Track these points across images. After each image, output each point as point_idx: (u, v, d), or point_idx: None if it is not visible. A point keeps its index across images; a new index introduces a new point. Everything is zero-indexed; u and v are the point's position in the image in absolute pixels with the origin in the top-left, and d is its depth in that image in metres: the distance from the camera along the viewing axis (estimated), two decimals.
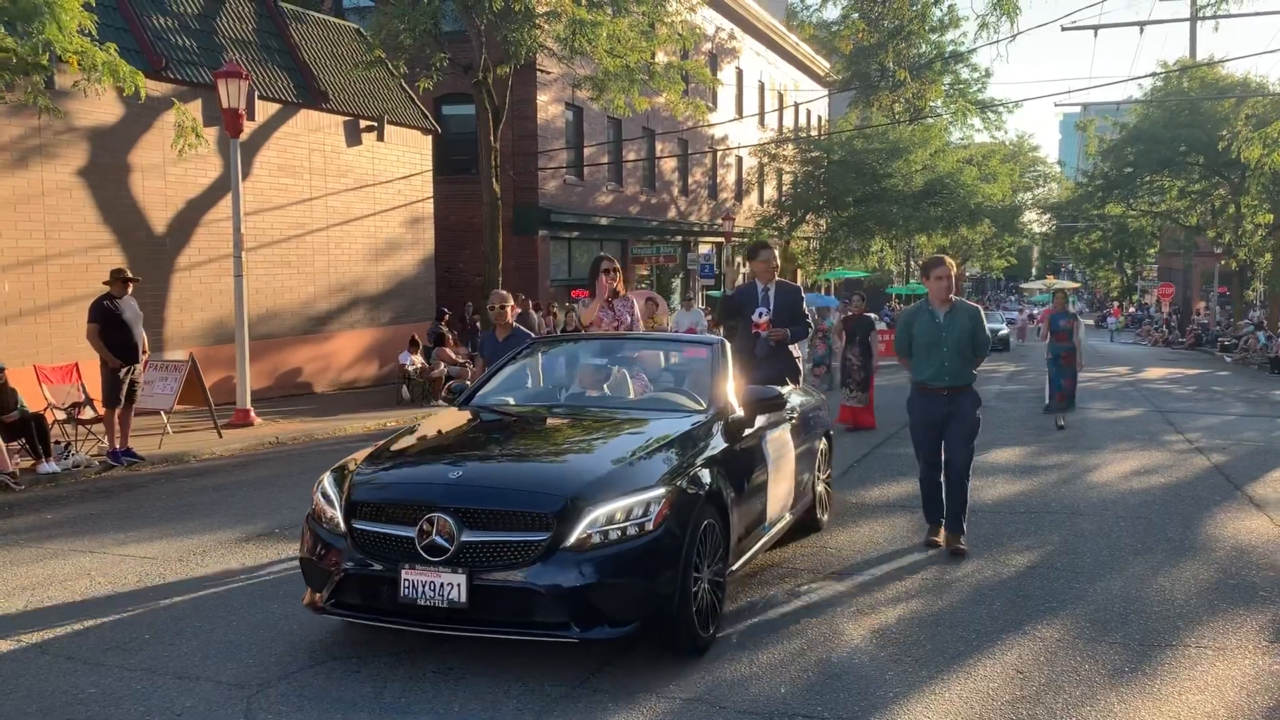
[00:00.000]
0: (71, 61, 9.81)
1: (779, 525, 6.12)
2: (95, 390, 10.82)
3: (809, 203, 36.69)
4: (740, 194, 38.48)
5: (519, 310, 6.91)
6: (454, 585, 4.27)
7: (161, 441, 11.63)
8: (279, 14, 18.09)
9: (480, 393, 6.19)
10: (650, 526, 4.38)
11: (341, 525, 4.61)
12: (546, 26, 18.67)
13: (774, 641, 4.97)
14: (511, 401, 6.10)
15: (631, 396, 5.97)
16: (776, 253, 7.69)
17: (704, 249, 33.99)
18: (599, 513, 4.34)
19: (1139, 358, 32.15)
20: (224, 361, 14.93)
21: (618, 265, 7.71)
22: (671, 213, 32.18)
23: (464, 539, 4.32)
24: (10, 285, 12.58)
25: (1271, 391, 20.34)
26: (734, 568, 5.28)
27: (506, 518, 4.37)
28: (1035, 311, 53.96)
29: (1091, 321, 62.25)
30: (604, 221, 27.52)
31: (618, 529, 4.35)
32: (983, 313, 6.83)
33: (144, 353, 10.68)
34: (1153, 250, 58.21)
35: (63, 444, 10.61)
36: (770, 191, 41.09)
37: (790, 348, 7.54)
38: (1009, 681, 4.46)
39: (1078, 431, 12.52)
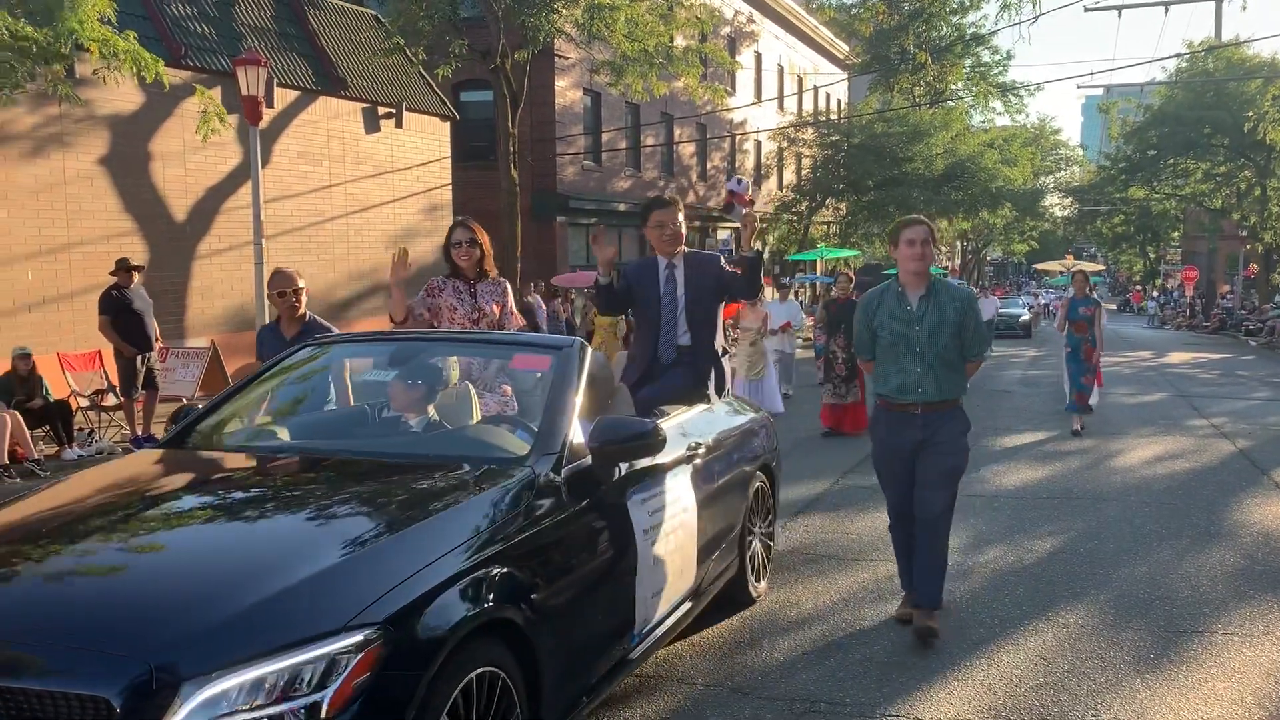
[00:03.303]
0: (92, 50, 9.84)
1: (663, 626, 4.10)
2: (116, 378, 10.91)
3: (828, 187, 36.48)
4: (759, 179, 38.31)
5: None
6: None
7: None
8: (297, 1, 18.10)
9: (214, 420, 4.13)
10: (326, 711, 2.41)
11: None
12: (564, 11, 18.61)
13: (795, 629, 4.95)
14: (245, 439, 4.09)
15: (476, 420, 4.16)
16: (681, 214, 5.29)
17: (722, 234, 33.88)
18: (215, 690, 2.35)
19: (1162, 342, 31.88)
20: (245, 348, 14.99)
21: (474, 236, 5.35)
22: (690, 198, 32.09)
23: None
24: (33, 273, 12.66)
25: None
26: None
27: (28, 702, 2.36)
28: (1047, 299, 49.07)
29: (1114, 306, 61.70)
30: (622, 207, 27.48)
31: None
32: (976, 298, 4.93)
33: (157, 340, 10.75)
34: (1176, 234, 57.71)
35: (86, 431, 10.70)
36: (789, 176, 40.89)
37: (715, 344, 5.29)
38: (1033, 668, 4.43)
39: (1100, 417, 12.41)
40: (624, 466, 3.83)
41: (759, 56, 37.09)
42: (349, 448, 3.95)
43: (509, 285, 5.55)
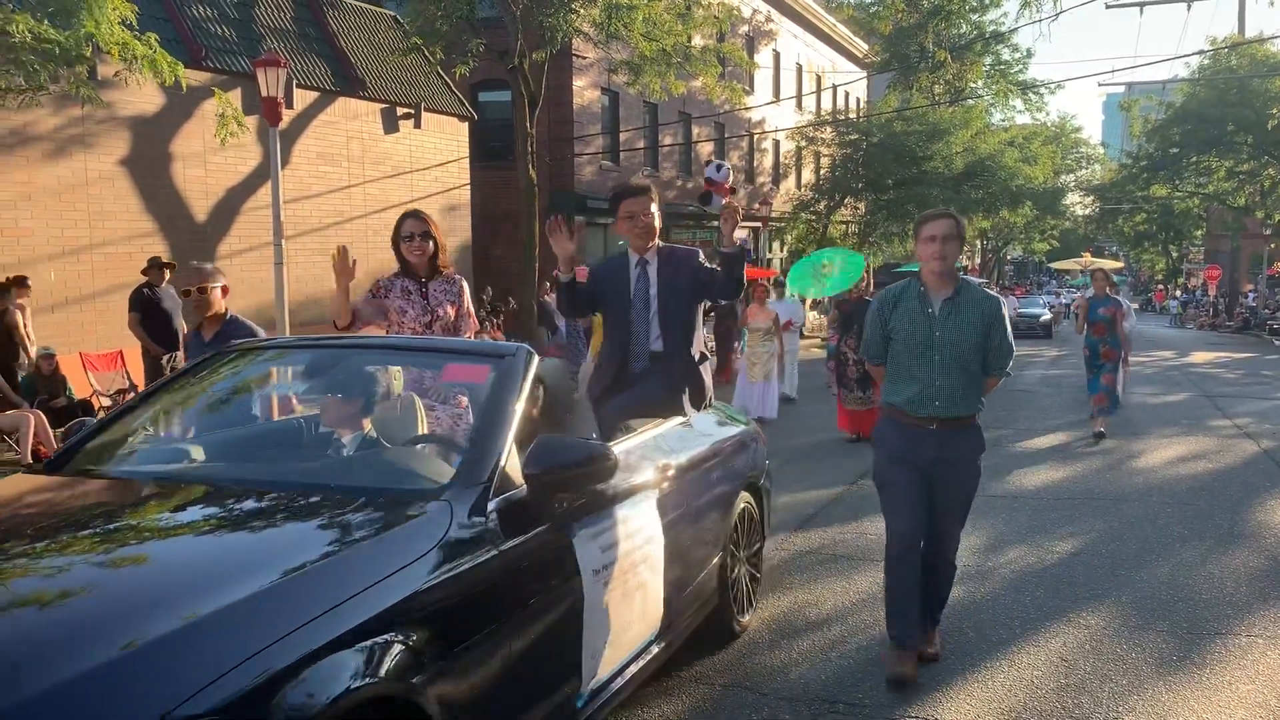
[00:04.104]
0: (113, 53, 9.91)
1: (622, 678, 3.53)
2: (139, 378, 10.98)
3: (847, 186, 36.35)
4: (777, 178, 38.22)
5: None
6: None
7: None
8: (316, 2, 18.19)
9: (103, 439, 3.57)
10: None
11: None
12: (582, 11, 18.62)
13: (813, 629, 4.93)
14: (142, 464, 3.48)
15: (423, 431, 3.70)
16: (655, 203, 4.64)
17: (740, 234, 33.84)
18: None
19: (1185, 341, 31.62)
20: None
21: (427, 228, 4.86)
22: None
23: None
24: (55, 274, 12.77)
25: None
26: None
27: None
28: (1068, 299, 45.41)
29: (1137, 305, 61.23)
30: None
31: None
32: (1005, 305, 4.40)
33: (184, 340, 10.82)
34: (1199, 232, 57.21)
35: None
36: (808, 175, 40.76)
37: (693, 352, 4.65)
38: (1053, 670, 4.40)
39: (1122, 417, 12.32)
40: (574, 494, 3.24)
41: (777, 55, 37.00)
42: (235, 475, 3.34)
43: (465, 283, 5.06)
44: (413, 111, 19.12)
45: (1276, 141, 30.89)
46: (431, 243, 4.86)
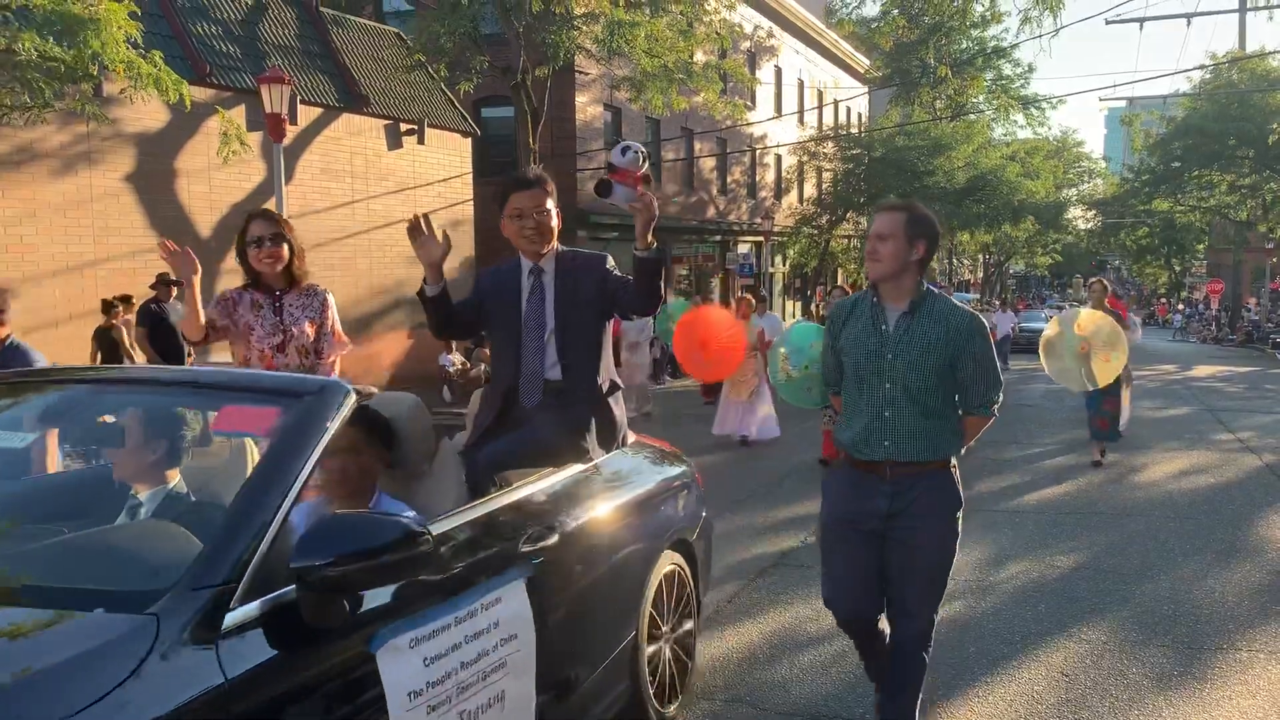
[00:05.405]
0: (118, 71, 9.99)
1: None
2: None
3: (849, 201, 36.43)
4: (779, 192, 38.32)
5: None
6: None
7: None
8: (320, 19, 18.30)
9: None
10: None
11: None
12: (585, 28, 18.73)
13: (814, 644, 4.94)
14: None
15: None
16: (551, 199, 3.73)
17: (743, 248, 33.89)
18: None
19: (1188, 355, 31.60)
20: None
21: (279, 230, 4.26)
22: (710, 212, 32.12)
23: None
24: (59, 290, 12.82)
25: None
26: None
27: None
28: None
29: (1139, 317, 61.19)
30: None
31: None
32: (985, 323, 3.45)
33: (190, 356, 10.88)
34: (1201, 246, 57.25)
35: None
36: (810, 190, 40.87)
37: (600, 380, 3.74)
38: (1054, 684, 4.40)
39: (1125, 431, 12.32)
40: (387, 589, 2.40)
41: (779, 71, 37.14)
42: None
43: (331, 296, 4.35)
44: (416, 127, 19.21)
45: (1278, 156, 30.94)
46: (285, 247, 4.17)
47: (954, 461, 3.45)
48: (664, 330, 15.42)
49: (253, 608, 2.15)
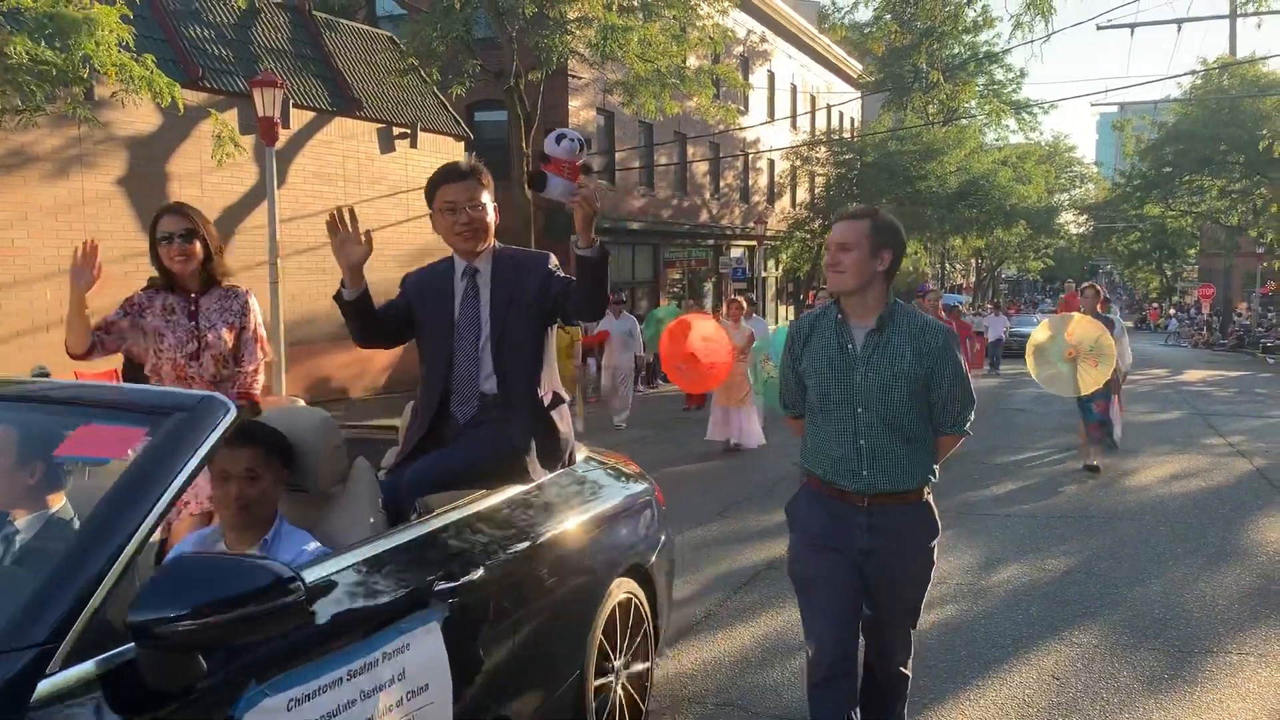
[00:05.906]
0: (110, 74, 9.98)
1: None
2: None
3: (842, 205, 36.50)
4: (772, 197, 38.38)
5: None
6: None
7: None
8: (313, 22, 18.30)
9: None
10: None
11: None
12: (578, 32, 18.76)
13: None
14: None
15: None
16: (487, 191, 3.45)
17: (736, 252, 33.94)
18: None
19: (1179, 360, 31.70)
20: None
21: (191, 226, 3.90)
22: (703, 216, 32.15)
23: None
24: (51, 293, 12.78)
25: None
26: None
27: None
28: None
29: (1130, 324, 61.40)
30: (635, 226, 27.54)
31: None
32: (955, 339, 3.17)
33: None
34: (1193, 251, 57.47)
35: None
36: (803, 194, 40.94)
37: (541, 393, 3.41)
38: (1045, 688, 4.41)
39: (1119, 441, 12.36)
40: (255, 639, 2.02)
41: (772, 75, 37.21)
42: None
43: (253, 299, 4.02)
44: (409, 131, 19.21)
45: (1268, 161, 31.07)
46: (199, 244, 3.80)
47: (929, 486, 3.20)
48: (653, 337, 15.33)
49: (85, 668, 1.81)
